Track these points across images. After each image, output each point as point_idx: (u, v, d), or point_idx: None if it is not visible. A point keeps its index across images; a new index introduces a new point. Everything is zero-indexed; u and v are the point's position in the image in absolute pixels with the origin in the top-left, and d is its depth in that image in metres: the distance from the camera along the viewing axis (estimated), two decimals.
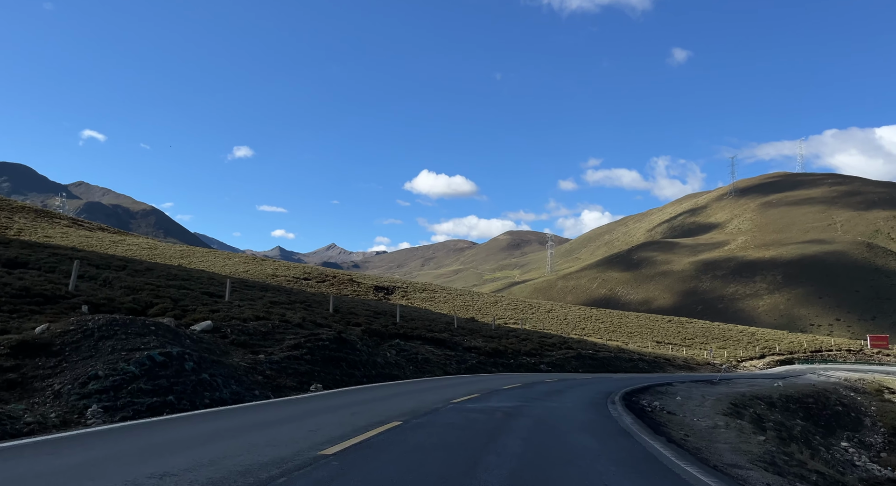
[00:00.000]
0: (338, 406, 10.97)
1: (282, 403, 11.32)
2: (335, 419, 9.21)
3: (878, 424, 26.93)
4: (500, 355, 27.46)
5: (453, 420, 9.75)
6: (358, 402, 11.83)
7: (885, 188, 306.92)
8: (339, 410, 10.47)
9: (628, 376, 30.26)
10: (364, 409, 10.66)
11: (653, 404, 14.85)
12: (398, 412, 10.33)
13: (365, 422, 8.96)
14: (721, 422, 12.56)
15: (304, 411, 10.34)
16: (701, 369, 52.03)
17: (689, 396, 19.67)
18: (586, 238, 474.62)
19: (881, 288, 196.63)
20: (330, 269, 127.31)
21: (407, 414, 10.17)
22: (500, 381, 19.89)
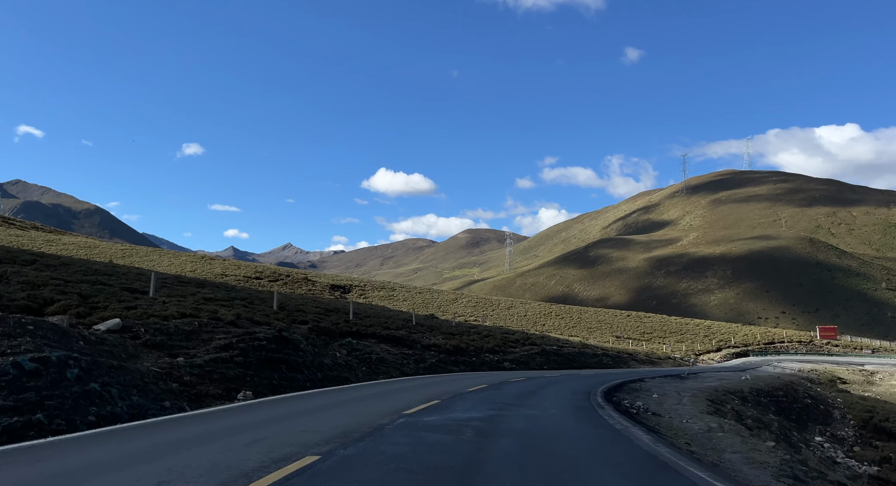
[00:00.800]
0: (246, 426, 8.24)
1: (186, 420, 8.92)
2: (214, 457, 6.15)
3: (847, 416, 26.61)
4: (461, 353, 25.67)
5: (401, 449, 6.85)
6: (279, 418, 9.17)
7: (826, 186, 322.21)
8: (242, 432, 7.70)
9: (595, 373, 29.01)
10: (278, 431, 7.84)
11: (635, 404, 13.33)
12: (322, 436, 7.47)
13: (258, 461, 6.00)
14: (714, 424, 11.11)
15: (196, 435, 7.58)
16: (663, 363, 51.79)
17: (665, 392, 18.36)
18: (544, 236, 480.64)
19: (823, 281, 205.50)
20: (284, 267, 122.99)
21: (335, 439, 7.30)
22: (464, 382, 17.94)
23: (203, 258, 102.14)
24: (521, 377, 21.37)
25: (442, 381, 18.01)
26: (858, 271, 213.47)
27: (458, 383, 16.89)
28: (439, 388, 15.41)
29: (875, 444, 21.92)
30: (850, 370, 63.95)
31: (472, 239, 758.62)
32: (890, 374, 64.35)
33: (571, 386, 17.87)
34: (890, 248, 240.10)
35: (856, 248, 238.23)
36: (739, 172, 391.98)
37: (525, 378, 20.81)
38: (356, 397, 12.85)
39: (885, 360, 71.31)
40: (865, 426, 25.04)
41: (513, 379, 20.08)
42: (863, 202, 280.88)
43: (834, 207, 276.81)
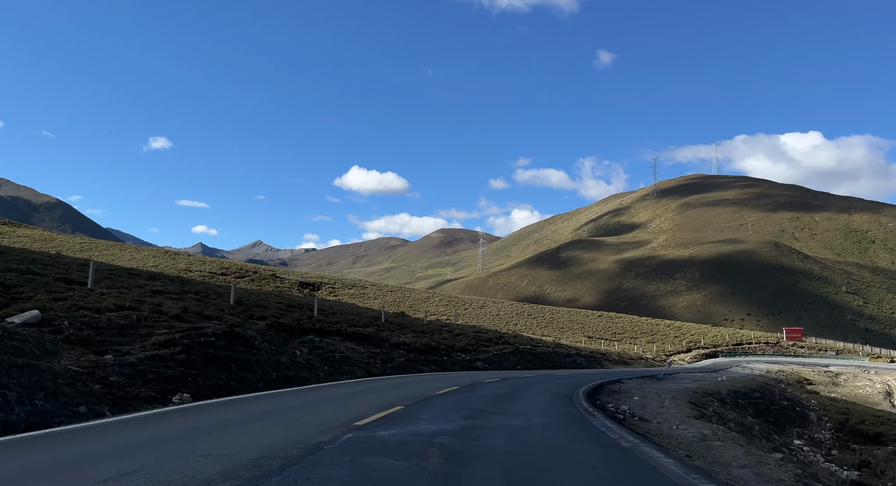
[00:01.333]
0: (139, 446, 6.38)
1: (83, 432, 7.23)
2: None
3: (824, 418, 26.33)
4: (432, 352, 24.45)
5: None
6: (196, 430, 7.34)
7: (790, 191, 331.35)
8: (114, 459, 5.70)
9: (571, 373, 28.12)
10: (168, 456, 5.85)
11: (620, 408, 12.31)
12: (226, 466, 5.52)
13: None
14: (706, 431, 10.14)
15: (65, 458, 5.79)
16: (635, 363, 51.49)
17: (645, 394, 17.46)
18: (517, 236, 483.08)
19: (786, 284, 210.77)
20: (252, 264, 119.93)
21: (240, 471, 5.33)
22: (434, 383, 16.60)
23: (167, 253, 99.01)
24: (496, 378, 20.18)
25: (410, 382, 16.68)
26: (820, 274, 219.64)
27: (428, 385, 15.55)
28: (405, 390, 14.00)
29: (853, 447, 21.55)
30: (815, 372, 64.90)
31: (446, 239, 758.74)
32: (854, 375, 65.52)
33: (550, 388, 16.74)
34: (850, 253, 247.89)
35: (818, 252, 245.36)
36: (708, 176, 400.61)
37: (500, 379, 19.62)
38: (307, 401, 11.25)
39: (848, 361, 72.76)
40: (842, 429, 24.75)
41: (487, 380, 18.89)
42: (825, 208, 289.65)
43: (798, 213, 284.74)
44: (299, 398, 11.63)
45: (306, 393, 12.66)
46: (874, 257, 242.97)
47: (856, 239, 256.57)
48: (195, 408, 9.47)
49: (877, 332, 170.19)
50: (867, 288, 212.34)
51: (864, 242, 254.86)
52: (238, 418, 8.81)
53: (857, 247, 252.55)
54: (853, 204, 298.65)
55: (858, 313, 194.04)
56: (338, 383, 15.39)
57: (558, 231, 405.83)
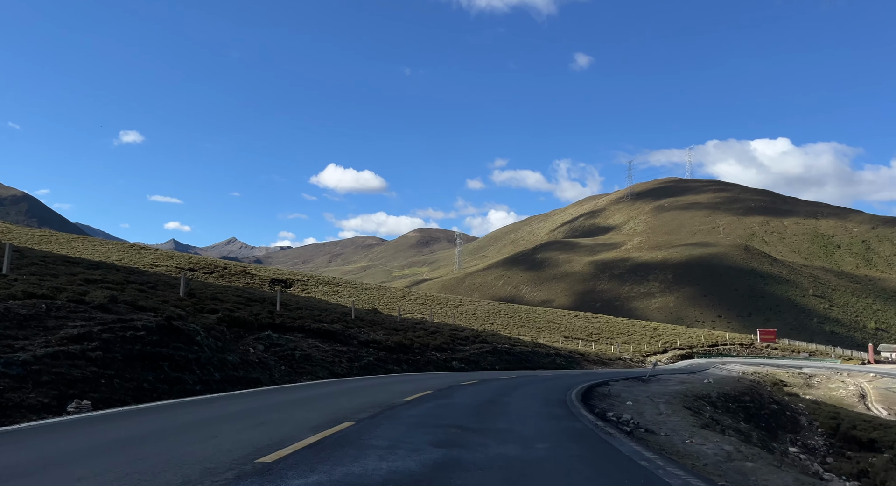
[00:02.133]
0: None
1: None
2: None
3: (815, 423, 25.32)
4: (404, 351, 22.56)
5: None
6: (36, 465, 5.06)
7: (760, 196, 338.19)
8: None
9: (554, 374, 26.51)
10: None
11: (622, 416, 10.64)
12: None
13: None
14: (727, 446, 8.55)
15: None
16: (614, 364, 50.40)
17: (638, 399, 15.89)
18: (493, 237, 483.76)
19: (756, 287, 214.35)
20: (222, 260, 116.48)
21: None
22: (402, 385, 14.57)
23: (133, 248, 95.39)
24: (474, 380, 18.30)
25: (376, 384, 14.68)
26: (788, 278, 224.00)
27: (395, 388, 13.53)
28: (366, 396, 11.71)
29: (848, 455, 20.48)
30: (790, 374, 64.85)
31: (423, 238, 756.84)
32: (827, 377, 65.70)
33: (538, 392, 14.84)
34: (817, 257, 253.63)
35: (786, 256, 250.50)
36: (681, 179, 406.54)
37: (479, 381, 17.75)
38: (229, 413, 8.61)
39: (820, 363, 73.17)
40: (834, 434, 23.77)
41: (464, 382, 17.01)
42: (793, 213, 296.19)
43: (767, 217, 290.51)
44: (227, 407, 9.25)
45: (243, 399, 10.49)
46: (840, 262, 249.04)
47: (822, 243, 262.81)
48: (87, 420, 7.38)
49: (842, 334, 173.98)
50: (833, 291, 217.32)
51: (831, 246, 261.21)
52: (114, 440, 6.34)
53: (823, 251, 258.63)
54: (820, 209, 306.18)
55: (824, 316, 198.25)
56: (293, 386, 13.38)
57: (534, 232, 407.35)
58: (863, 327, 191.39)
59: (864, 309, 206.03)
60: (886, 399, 54.24)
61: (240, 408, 9.22)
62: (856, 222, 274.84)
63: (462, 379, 18.30)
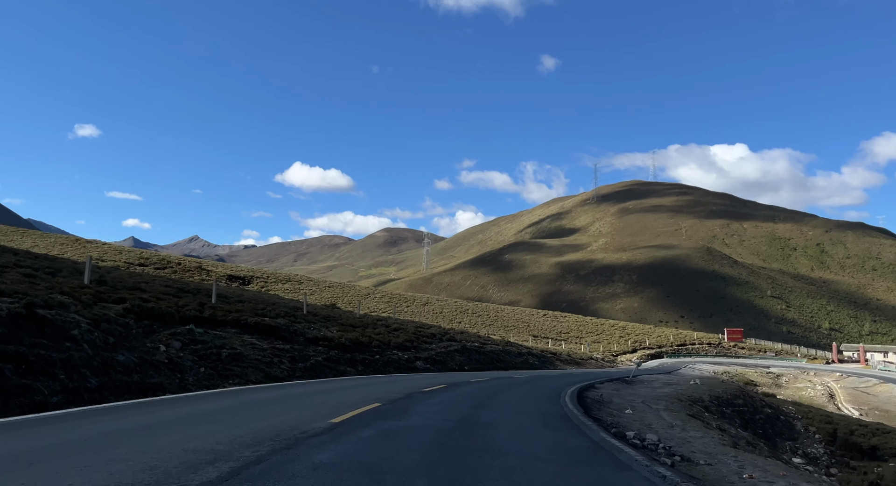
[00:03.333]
0: None
1: None
2: None
3: (811, 429, 23.60)
4: (361, 349, 19.63)
5: None
6: None
7: (721, 199, 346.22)
8: None
9: (531, 376, 24.02)
10: None
11: (646, 437, 8.06)
12: None
13: None
14: None
15: None
16: (586, 363, 48.44)
17: (633, 405, 13.49)
18: (461, 237, 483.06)
19: (717, 288, 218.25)
20: (175, 255, 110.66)
21: None
22: (343, 395, 11.55)
23: (77, 242, 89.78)
24: (441, 384, 15.44)
25: (314, 393, 11.54)
26: (747, 279, 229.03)
27: (333, 399, 10.28)
28: (292, 412, 8.68)
29: (852, 464, 18.68)
30: (758, 373, 64.41)
31: (390, 238, 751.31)
32: (794, 377, 65.52)
33: (527, 404, 11.84)
34: (774, 259, 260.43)
35: (746, 258, 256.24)
36: (645, 182, 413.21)
37: (446, 386, 14.91)
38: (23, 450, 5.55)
39: (787, 363, 73.21)
40: (833, 441, 22.06)
41: (427, 387, 14.13)
42: (752, 217, 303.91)
43: (728, 220, 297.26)
44: (24, 443, 5.86)
45: (79, 422, 7.26)
46: (795, 264, 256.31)
47: (779, 246, 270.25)
48: None
49: (798, 334, 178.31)
50: (789, 293, 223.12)
51: (787, 249, 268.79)
52: None
53: (780, 254, 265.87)
54: (777, 213, 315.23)
55: (781, 317, 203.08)
56: (206, 394, 10.35)
57: (502, 233, 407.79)
58: (817, 328, 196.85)
59: (818, 310, 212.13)
60: (856, 399, 53.91)
61: (72, 438, 5.78)
62: (811, 226, 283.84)
63: (426, 384, 15.35)
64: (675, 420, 11.37)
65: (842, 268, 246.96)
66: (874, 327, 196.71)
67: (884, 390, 56.60)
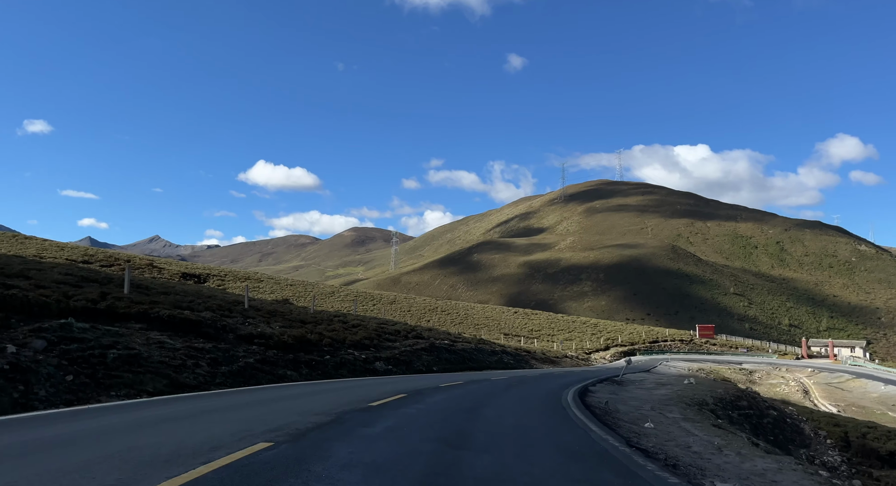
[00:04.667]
0: None
1: None
2: None
3: (820, 433, 21.53)
4: (308, 348, 16.30)
5: None
6: None
7: (685, 198, 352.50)
8: None
9: (511, 377, 21.16)
10: None
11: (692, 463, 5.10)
12: None
13: None
14: None
15: None
16: (562, 362, 46.06)
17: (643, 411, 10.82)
18: (430, 236, 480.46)
19: (682, 286, 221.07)
20: (125, 252, 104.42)
21: None
22: (234, 419, 7.56)
23: (15, 237, 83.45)
24: (400, 392, 12.09)
25: (217, 408, 7.50)
26: (711, 277, 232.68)
27: (206, 430, 6.57)
28: (129, 462, 5.09)
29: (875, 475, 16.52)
30: (731, 370, 63.39)
31: (358, 237, 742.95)
32: (767, 373, 64.75)
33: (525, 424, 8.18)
34: (737, 257, 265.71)
35: (710, 256, 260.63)
36: (611, 182, 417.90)
37: (407, 395, 11.58)
38: None
39: (759, 359, 72.64)
40: (846, 446, 20.00)
41: (377, 400, 10.55)
42: (715, 216, 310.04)
43: (692, 219, 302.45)
44: None
45: None
46: (757, 262, 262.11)
47: (741, 245, 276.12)
48: None
49: (759, 331, 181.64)
50: (751, 290, 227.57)
51: (749, 247, 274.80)
52: None
53: (742, 252, 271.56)
54: (739, 212, 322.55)
55: (744, 314, 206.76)
56: (21, 419, 6.72)
57: (470, 232, 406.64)
58: (778, 324, 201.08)
59: (778, 307, 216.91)
60: (831, 395, 53.01)
61: None
62: (771, 225, 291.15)
63: (378, 393, 11.86)
64: (708, 435, 8.64)
65: (800, 266, 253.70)
66: (831, 323, 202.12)
67: (857, 386, 55.88)
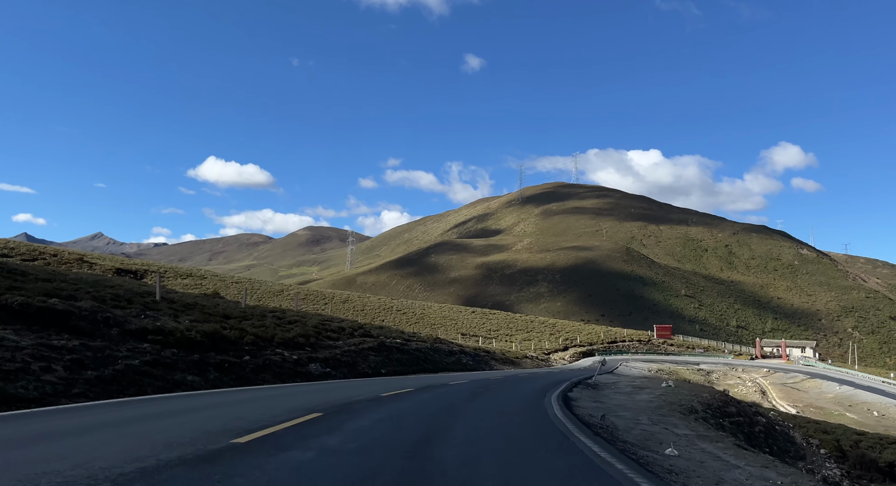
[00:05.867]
0: None
1: None
2: None
3: (812, 442, 19.89)
4: (222, 347, 13.05)
5: None
6: None
7: (639, 202, 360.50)
8: None
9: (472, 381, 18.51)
10: None
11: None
12: None
13: None
14: None
15: None
16: (522, 362, 43.90)
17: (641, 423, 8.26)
18: (387, 236, 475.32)
19: (635, 288, 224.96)
20: (51, 246, 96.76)
21: None
22: None
23: None
24: (313, 411, 8.41)
25: None
26: (663, 279, 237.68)
27: None
28: None
29: None
30: (689, 370, 62.93)
31: (313, 236, 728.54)
32: (724, 374, 64.59)
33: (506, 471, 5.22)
34: (688, 260, 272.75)
35: (662, 259, 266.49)
36: (568, 185, 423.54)
37: (325, 413, 8.06)
38: None
39: (715, 359, 72.73)
40: (843, 457, 18.37)
41: (259, 432, 6.82)
42: (668, 219, 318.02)
43: (645, 222, 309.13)
44: None
45: None
46: (707, 264, 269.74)
47: (692, 247, 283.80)
48: None
49: (709, 332, 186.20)
50: (701, 292, 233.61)
51: (699, 250, 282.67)
52: None
53: (693, 255, 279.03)
54: (690, 216, 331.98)
55: (694, 316, 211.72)
56: None
57: (428, 232, 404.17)
58: (726, 326, 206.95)
59: (727, 308, 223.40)
60: (788, 396, 52.81)
61: None
62: (720, 229, 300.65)
63: (282, 411, 8.23)
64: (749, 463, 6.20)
65: (747, 268, 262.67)
66: (776, 325, 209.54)
67: (812, 386, 55.90)
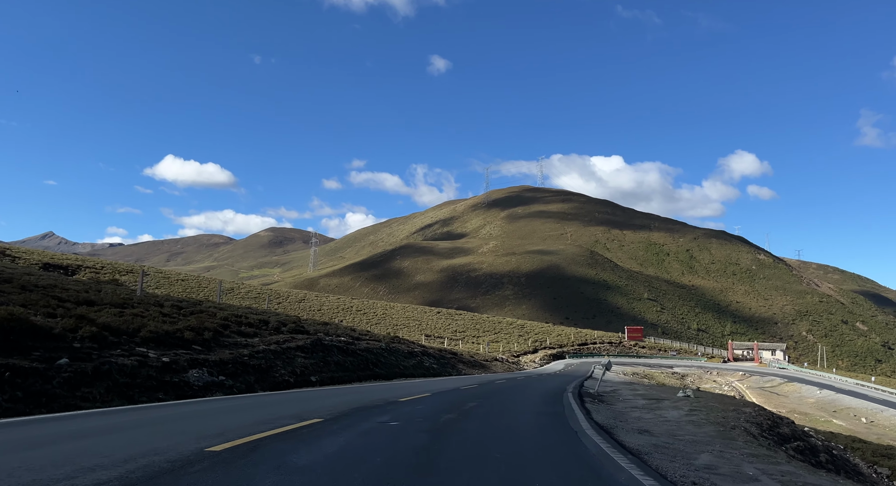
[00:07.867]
0: None
1: None
2: None
3: (882, 473, 16.39)
4: (25, 346, 8.46)
5: None
6: None
7: (603, 207, 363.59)
8: None
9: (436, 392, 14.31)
10: None
11: None
12: None
13: None
14: None
15: None
16: (492, 365, 39.92)
17: None
18: (352, 238, 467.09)
19: (599, 291, 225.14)
20: None
21: None
22: None
23: None
24: None
25: None
26: (626, 283, 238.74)
27: None
28: None
29: None
30: (664, 374, 60.20)
31: (276, 238, 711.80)
32: (699, 377, 62.10)
33: None
34: (650, 264, 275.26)
35: (625, 263, 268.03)
36: (533, 188, 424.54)
37: None
38: None
39: (689, 362, 70.47)
40: (893, 473, 14.96)
41: None
42: (630, 224, 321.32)
43: (609, 227, 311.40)
44: None
45: None
46: (669, 269, 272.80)
47: (655, 252, 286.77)
48: None
49: (671, 335, 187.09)
50: (664, 296, 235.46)
51: (661, 254, 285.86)
52: None
53: (655, 259, 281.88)
54: (652, 221, 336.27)
55: (657, 319, 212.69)
56: None
57: (394, 234, 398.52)
58: (687, 329, 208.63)
59: (688, 312, 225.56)
60: (769, 401, 50.33)
61: None
62: (681, 234, 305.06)
63: None
64: None
65: (707, 273, 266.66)
66: (734, 328, 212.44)
67: (791, 390, 53.49)
